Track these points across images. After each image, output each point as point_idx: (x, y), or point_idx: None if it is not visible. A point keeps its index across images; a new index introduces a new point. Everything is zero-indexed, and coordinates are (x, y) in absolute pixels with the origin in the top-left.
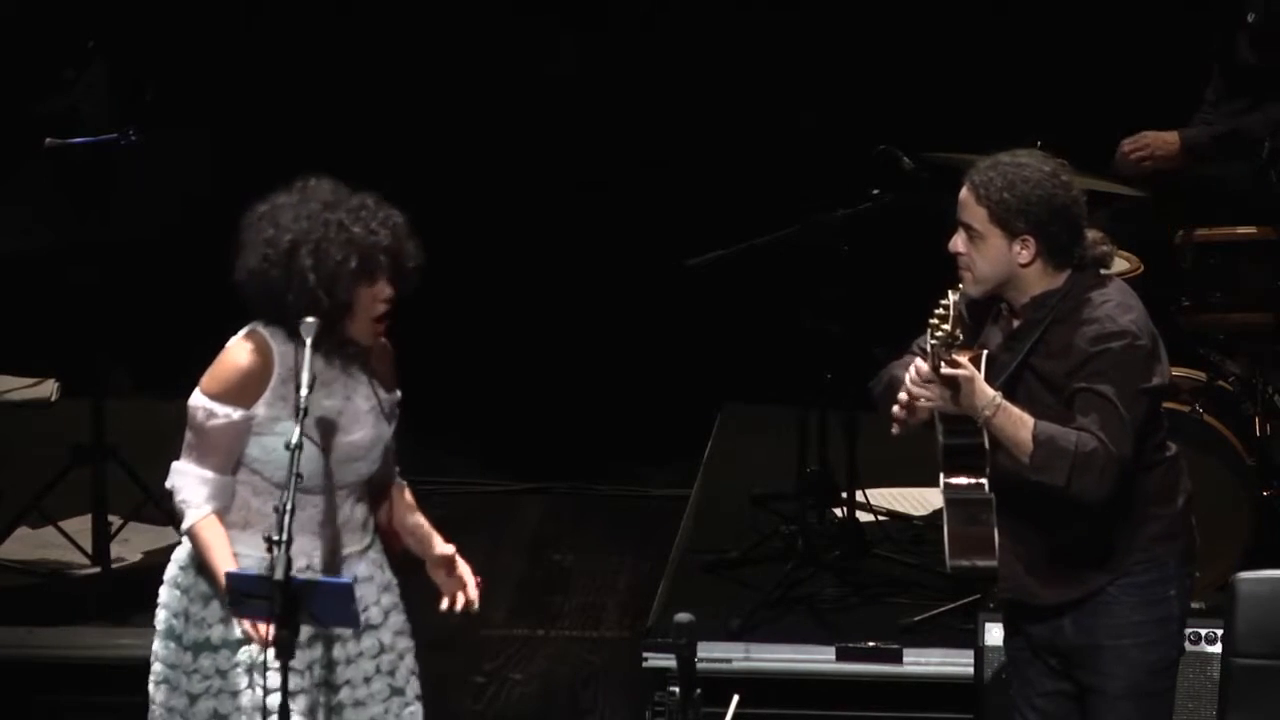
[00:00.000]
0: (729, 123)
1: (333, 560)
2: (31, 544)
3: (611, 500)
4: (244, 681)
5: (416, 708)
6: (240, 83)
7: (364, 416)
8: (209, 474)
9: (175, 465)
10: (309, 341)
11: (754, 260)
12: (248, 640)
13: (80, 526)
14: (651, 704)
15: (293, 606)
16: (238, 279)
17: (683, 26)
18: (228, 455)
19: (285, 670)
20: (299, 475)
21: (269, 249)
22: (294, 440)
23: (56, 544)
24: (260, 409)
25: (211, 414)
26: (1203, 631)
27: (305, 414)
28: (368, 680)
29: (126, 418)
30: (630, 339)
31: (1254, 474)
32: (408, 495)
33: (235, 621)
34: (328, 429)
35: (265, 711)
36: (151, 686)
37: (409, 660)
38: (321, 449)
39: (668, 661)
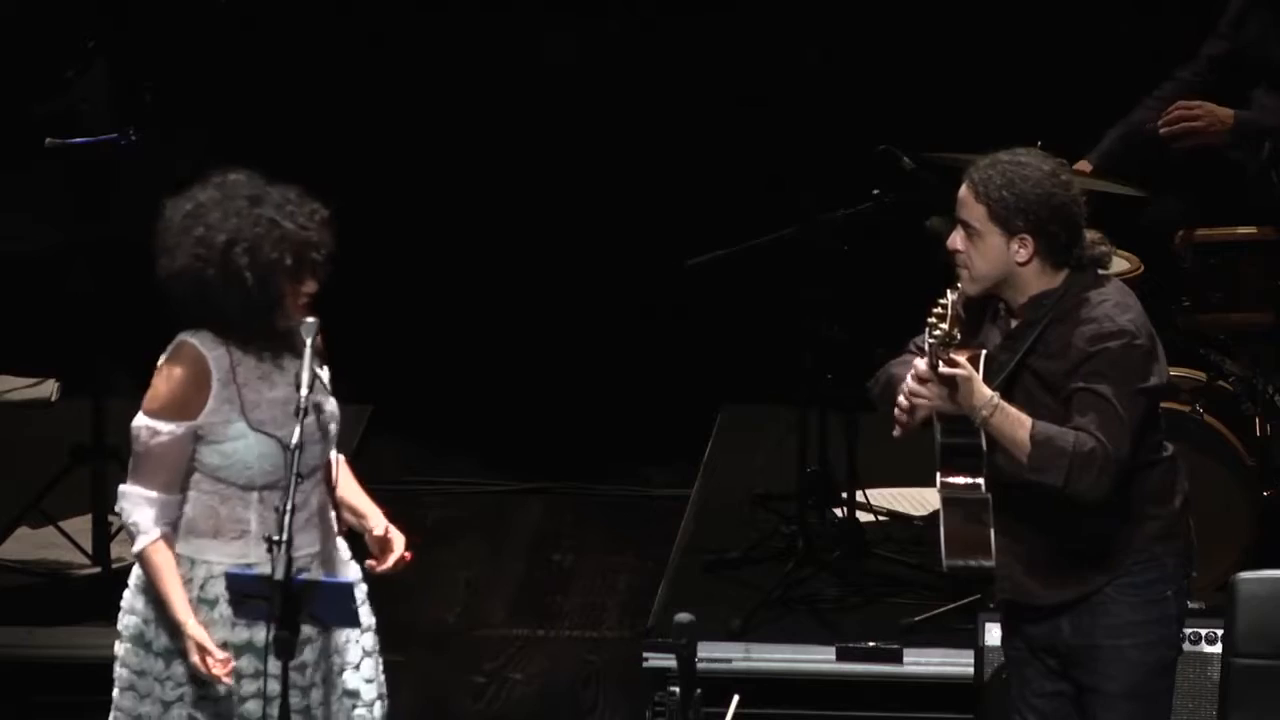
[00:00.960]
0: (729, 122)
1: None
2: (31, 544)
3: (611, 500)
4: (224, 688)
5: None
6: (240, 82)
7: (318, 402)
8: (155, 494)
9: (122, 488)
10: (309, 341)
11: (754, 260)
12: (224, 646)
13: (80, 526)
14: (651, 704)
15: (293, 607)
16: (164, 278)
17: (683, 25)
18: (173, 473)
19: (285, 670)
20: (299, 475)
21: (201, 248)
22: (294, 440)
23: (56, 544)
24: (205, 418)
25: (155, 432)
26: (1203, 631)
27: (305, 414)
28: (326, 680)
29: (126, 418)
30: (630, 339)
31: (1254, 474)
32: (345, 467)
33: (213, 627)
34: (281, 421)
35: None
36: (116, 692)
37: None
38: (278, 440)
39: (668, 661)
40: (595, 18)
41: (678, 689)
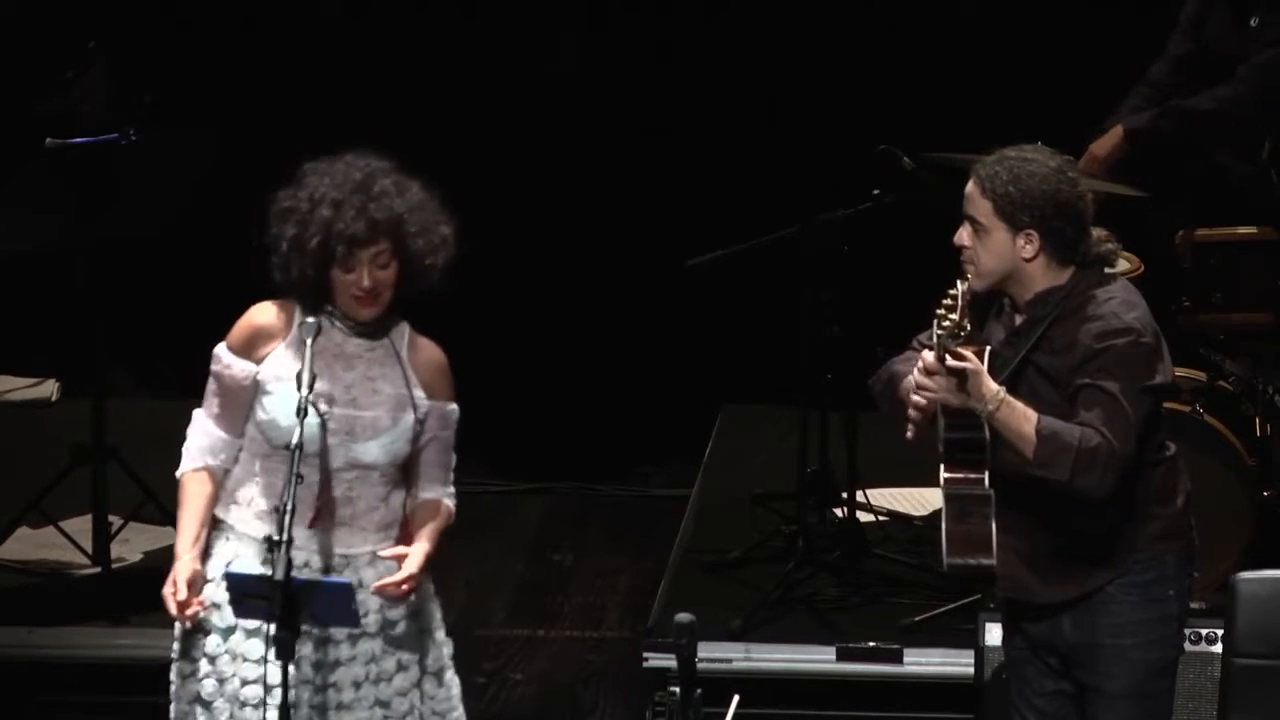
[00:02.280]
0: (730, 122)
1: (330, 555)
2: (32, 544)
3: (612, 500)
4: (230, 670)
5: None
6: (240, 82)
7: (385, 398)
8: (214, 429)
9: (195, 412)
10: (309, 341)
11: (754, 260)
12: (235, 628)
13: (80, 526)
14: (652, 704)
15: (293, 606)
16: None
17: (683, 26)
18: (235, 409)
19: (285, 670)
20: (300, 476)
21: (274, 207)
22: (294, 441)
23: (57, 544)
24: (266, 367)
25: (220, 360)
26: (1203, 631)
27: (305, 414)
28: (356, 685)
29: (127, 418)
30: (630, 339)
31: (1254, 474)
32: (436, 514)
33: (228, 608)
34: (337, 399)
35: (241, 702)
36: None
37: (398, 682)
38: (323, 418)
39: (668, 661)
40: (596, 19)
41: (678, 689)
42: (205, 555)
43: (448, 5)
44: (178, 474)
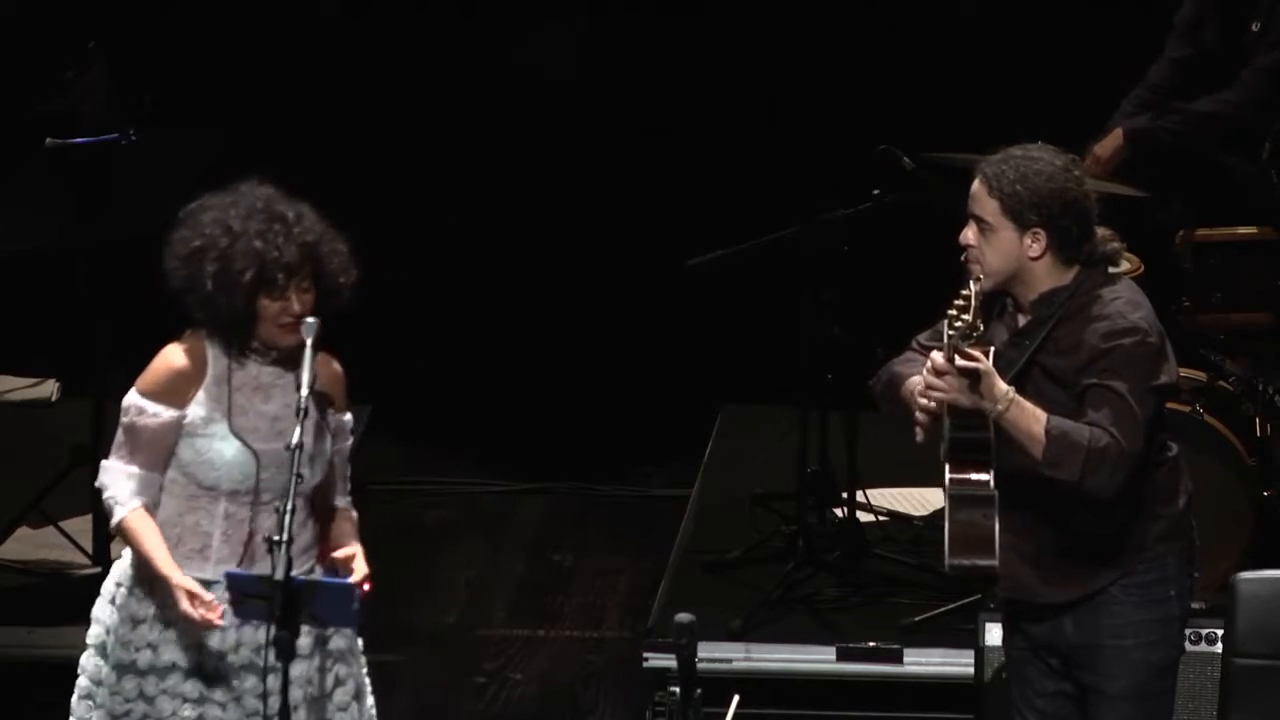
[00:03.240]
0: (730, 122)
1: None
2: (32, 544)
3: (611, 500)
4: (169, 709)
5: None
6: (240, 83)
7: (310, 425)
8: (136, 469)
9: (104, 463)
10: (309, 342)
11: (754, 260)
12: (173, 667)
13: (80, 526)
14: (652, 704)
15: (293, 607)
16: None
17: (683, 25)
18: (157, 453)
19: (286, 670)
20: (301, 482)
21: (179, 250)
22: (294, 440)
23: (57, 544)
24: (193, 409)
25: (142, 411)
26: (1203, 631)
27: (305, 414)
28: (295, 709)
29: None
30: (630, 339)
31: (1254, 474)
32: (351, 521)
33: (164, 647)
34: (262, 434)
35: None
36: (74, 699)
37: (338, 697)
38: (254, 452)
39: (668, 661)
40: (597, 19)
41: (678, 689)
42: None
43: (448, 5)
44: (113, 523)
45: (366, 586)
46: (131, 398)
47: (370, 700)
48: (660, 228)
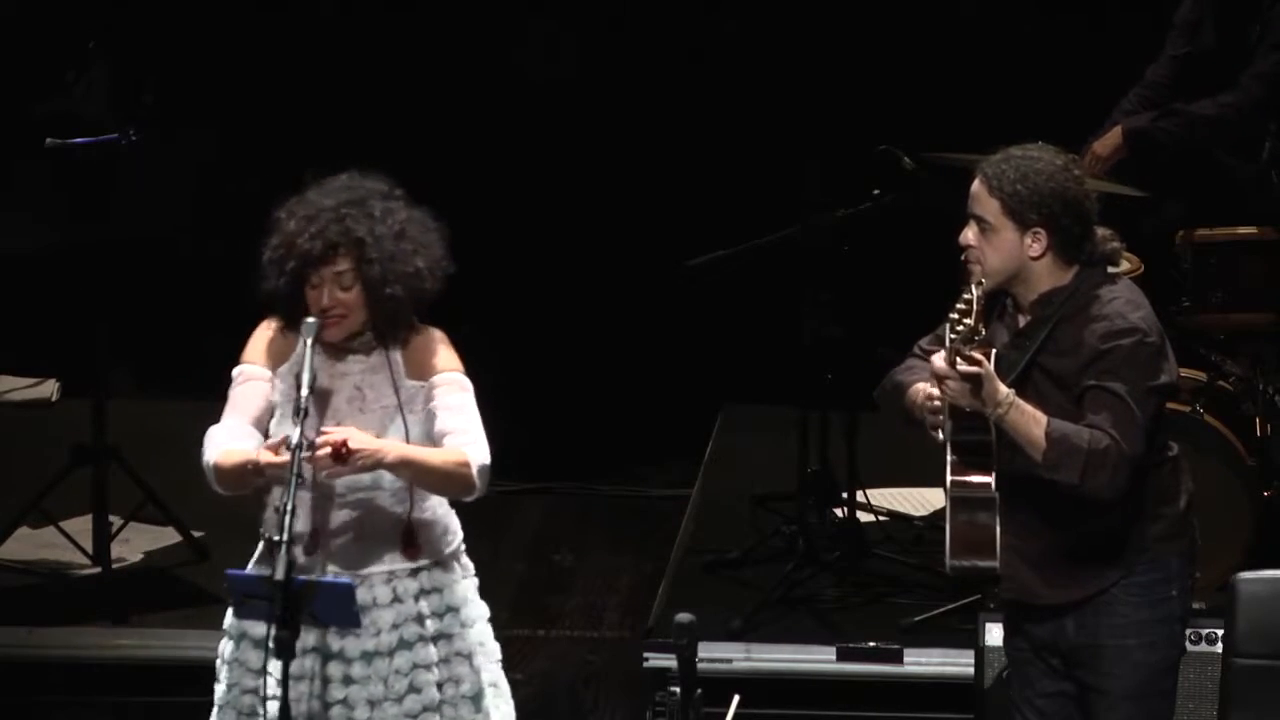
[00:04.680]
0: (729, 123)
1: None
2: (32, 544)
3: (612, 500)
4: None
5: None
6: (240, 83)
7: (372, 414)
8: (231, 423)
9: (208, 431)
10: (309, 341)
11: (754, 261)
12: (244, 636)
13: (81, 527)
14: (652, 704)
15: (293, 607)
16: None
17: (683, 26)
18: (255, 413)
19: (286, 670)
20: (300, 476)
21: (273, 217)
22: (294, 440)
23: (57, 544)
24: (276, 381)
25: (242, 374)
26: (1203, 631)
27: (306, 414)
28: (372, 704)
29: (127, 418)
30: (631, 339)
31: (1254, 474)
32: (449, 449)
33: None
34: (330, 424)
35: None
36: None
37: (408, 703)
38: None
39: (668, 662)
40: (597, 21)
41: (678, 689)
42: None
43: (448, 7)
44: (209, 461)
45: (335, 451)
46: (236, 368)
47: (488, 706)
48: (660, 228)
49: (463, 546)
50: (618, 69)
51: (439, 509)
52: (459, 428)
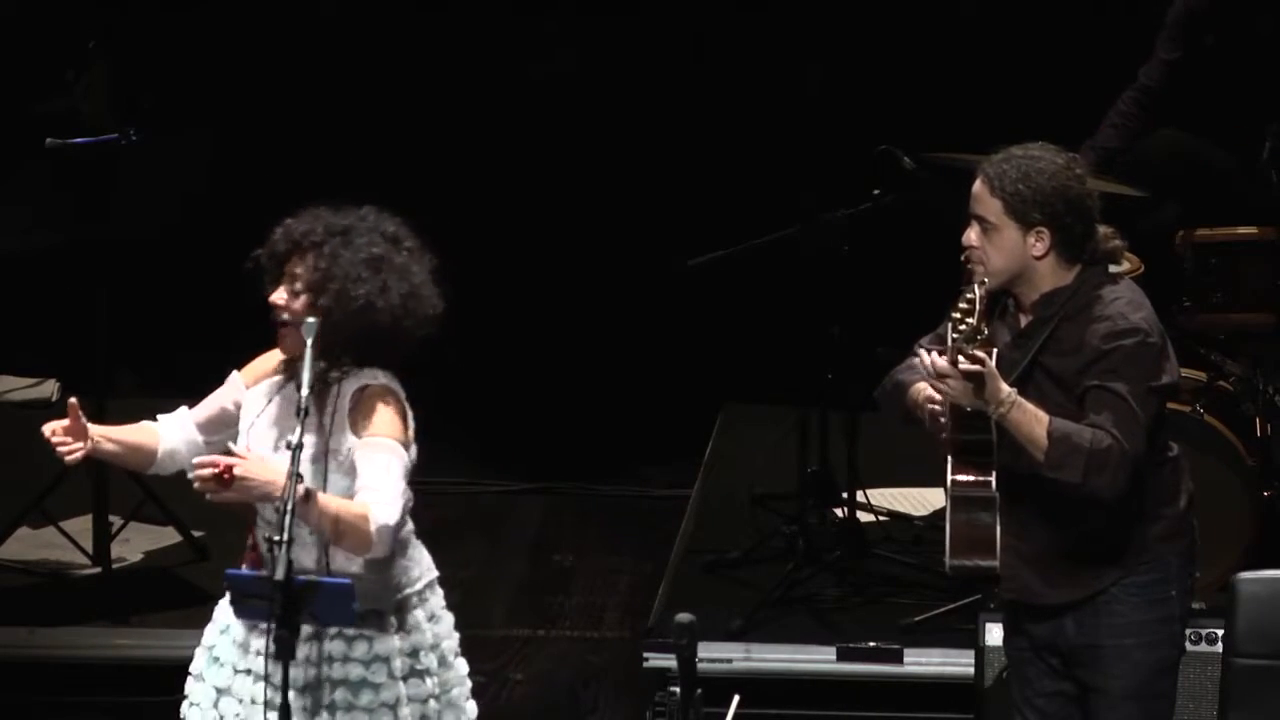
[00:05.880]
0: (729, 123)
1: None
2: (32, 544)
3: (612, 500)
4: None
5: None
6: (240, 84)
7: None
8: (188, 417)
9: None
10: (309, 341)
11: (755, 260)
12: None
13: (81, 527)
14: (652, 704)
15: (293, 607)
16: None
17: (683, 26)
18: (213, 420)
19: (286, 670)
20: (300, 475)
21: None
22: (294, 440)
23: (57, 544)
24: (250, 397)
25: (229, 381)
26: (1203, 631)
27: (306, 414)
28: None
29: (127, 418)
30: (630, 339)
31: (1255, 474)
32: (357, 503)
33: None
34: (261, 437)
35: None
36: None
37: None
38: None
39: (668, 662)
40: (596, 20)
41: (678, 689)
42: None
43: (447, 6)
44: None
45: (215, 473)
46: (232, 374)
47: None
48: (660, 228)
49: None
50: (618, 68)
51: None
52: (373, 485)
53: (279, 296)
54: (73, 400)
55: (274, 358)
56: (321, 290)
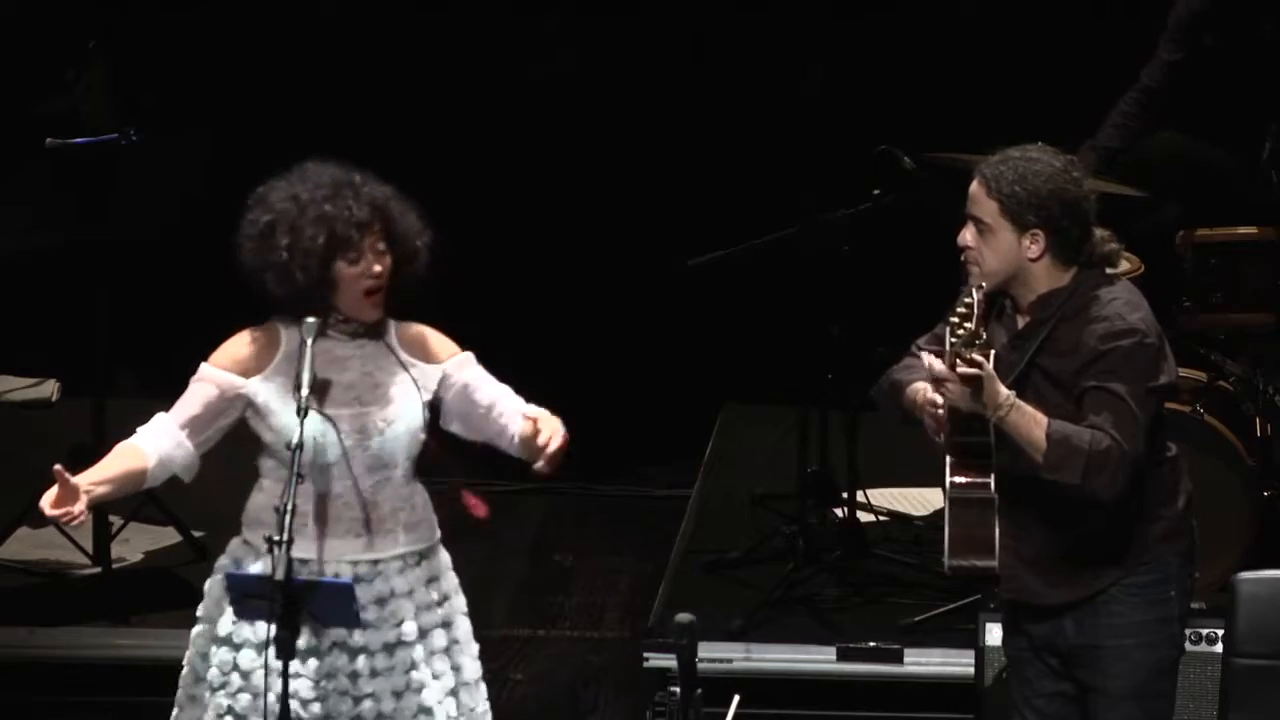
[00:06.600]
0: (729, 123)
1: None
2: (32, 544)
3: (612, 500)
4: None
5: None
6: (240, 84)
7: (387, 390)
8: (167, 419)
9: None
10: (309, 341)
11: (755, 260)
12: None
13: (81, 527)
14: (652, 704)
15: (293, 607)
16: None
17: (683, 26)
18: (198, 418)
19: (286, 670)
20: (300, 475)
21: (249, 229)
22: (294, 440)
23: (57, 544)
24: (263, 389)
25: (202, 375)
26: (1203, 631)
27: (306, 414)
28: (397, 695)
29: (127, 417)
30: (631, 339)
31: (1255, 474)
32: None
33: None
34: (337, 402)
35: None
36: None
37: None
38: (336, 426)
39: (669, 661)
40: (596, 20)
41: (678, 689)
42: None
43: (447, 6)
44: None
45: (556, 442)
46: (201, 366)
47: (482, 690)
48: (660, 228)
49: None
50: (618, 68)
51: (424, 491)
52: (506, 392)
53: (377, 264)
54: (58, 466)
55: (247, 341)
56: (413, 243)
